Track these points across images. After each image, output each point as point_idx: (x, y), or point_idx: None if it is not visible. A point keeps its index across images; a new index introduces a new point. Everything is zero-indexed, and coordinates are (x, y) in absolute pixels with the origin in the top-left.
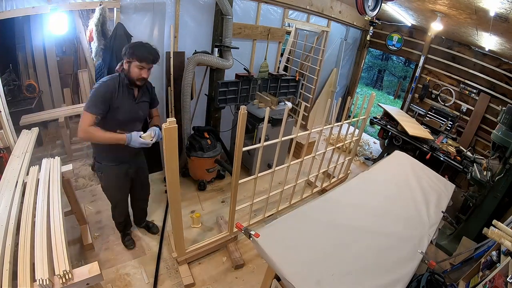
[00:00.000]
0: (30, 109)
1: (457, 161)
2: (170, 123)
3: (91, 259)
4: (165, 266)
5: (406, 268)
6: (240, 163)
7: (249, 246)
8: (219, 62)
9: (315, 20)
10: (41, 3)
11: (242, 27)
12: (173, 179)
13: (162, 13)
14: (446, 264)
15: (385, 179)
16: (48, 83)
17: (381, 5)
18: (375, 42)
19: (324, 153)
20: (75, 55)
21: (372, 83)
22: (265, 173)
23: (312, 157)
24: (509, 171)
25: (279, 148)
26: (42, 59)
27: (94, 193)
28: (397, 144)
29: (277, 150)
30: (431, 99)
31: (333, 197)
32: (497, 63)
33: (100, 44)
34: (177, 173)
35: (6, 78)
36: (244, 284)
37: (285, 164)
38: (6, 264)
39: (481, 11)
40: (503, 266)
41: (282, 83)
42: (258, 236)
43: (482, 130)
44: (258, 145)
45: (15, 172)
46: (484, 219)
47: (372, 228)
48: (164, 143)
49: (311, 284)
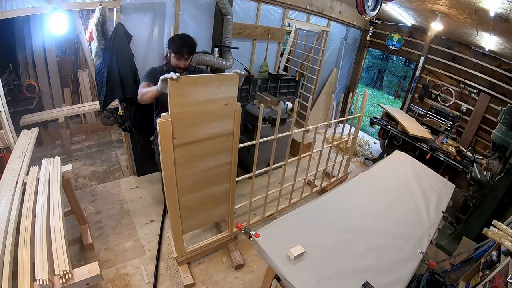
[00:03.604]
0: (30, 109)
1: (457, 161)
2: (164, 117)
3: (91, 259)
4: (165, 266)
5: (406, 268)
6: (236, 161)
7: (249, 246)
8: (219, 62)
9: (315, 20)
10: (41, 3)
11: (242, 27)
12: (170, 175)
13: (162, 13)
14: (446, 264)
15: (385, 179)
16: (48, 83)
17: (381, 5)
18: (375, 42)
19: (321, 151)
20: (75, 55)
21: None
22: (263, 170)
23: (310, 154)
24: (509, 171)
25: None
26: (42, 59)
27: (94, 193)
28: (397, 144)
29: (273, 146)
30: (431, 99)
31: (333, 197)
32: (497, 63)
33: (100, 44)
34: (173, 170)
35: (6, 78)
36: (244, 284)
37: (283, 162)
38: (6, 264)
39: (481, 11)
40: (503, 266)
41: (282, 83)
42: (258, 236)
43: (482, 130)
44: (254, 141)
45: (15, 172)
46: (484, 219)
47: (372, 228)
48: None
49: (311, 284)
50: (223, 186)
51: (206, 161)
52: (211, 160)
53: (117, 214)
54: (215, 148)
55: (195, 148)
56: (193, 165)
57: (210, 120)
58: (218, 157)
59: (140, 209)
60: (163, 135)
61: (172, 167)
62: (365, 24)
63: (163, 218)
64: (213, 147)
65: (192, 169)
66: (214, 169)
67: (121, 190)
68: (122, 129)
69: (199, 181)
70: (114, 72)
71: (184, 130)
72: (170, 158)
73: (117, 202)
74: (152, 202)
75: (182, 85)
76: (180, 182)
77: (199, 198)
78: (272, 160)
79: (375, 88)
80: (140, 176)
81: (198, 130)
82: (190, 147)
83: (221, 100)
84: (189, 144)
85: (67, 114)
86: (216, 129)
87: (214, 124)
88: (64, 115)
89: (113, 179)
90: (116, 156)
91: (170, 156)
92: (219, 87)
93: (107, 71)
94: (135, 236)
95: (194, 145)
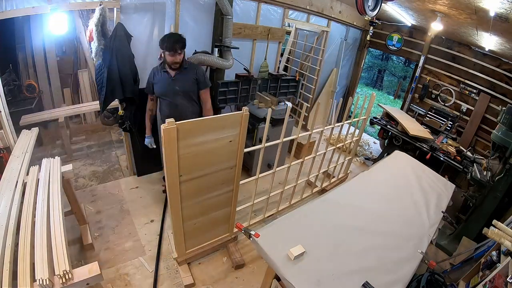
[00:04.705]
0: (30, 109)
1: (457, 161)
2: (169, 124)
3: (91, 259)
4: (165, 266)
5: (406, 268)
6: (241, 164)
7: (250, 246)
8: (219, 62)
9: (315, 20)
10: (41, 3)
11: (242, 27)
12: (173, 180)
13: (162, 13)
14: (446, 264)
15: (385, 179)
16: (48, 83)
17: (381, 5)
18: (375, 42)
19: (324, 154)
20: (75, 55)
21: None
22: (266, 174)
23: (313, 157)
24: (509, 171)
25: (280, 149)
26: (42, 59)
27: (94, 193)
28: (397, 144)
29: (278, 151)
30: (431, 99)
31: (333, 197)
32: (497, 63)
33: (100, 44)
34: (177, 174)
35: (6, 78)
36: (244, 284)
37: (286, 165)
38: (6, 264)
39: (481, 11)
40: (503, 266)
41: (282, 83)
42: (258, 236)
43: (482, 130)
44: (260, 146)
45: (15, 172)
46: (484, 219)
47: (372, 228)
48: (163, 144)
49: (311, 284)
50: (225, 209)
51: (210, 191)
52: (214, 190)
53: (117, 214)
54: (218, 180)
55: (200, 181)
56: (197, 196)
57: (215, 157)
58: (221, 186)
59: (140, 209)
60: (167, 140)
61: (178, 199)
62: (365, 24)
63: (163, 218)
64: (216, 179)
65: (197, 198)
66: (216, 197)
67: (121, 190)
68: (122, 129)
69: (202, 207)
70: (114, 72)
71: (190, 167)
72: (174, 163)
73: (117, 202)
74: (152, 202)
75: (189, 130)
76: (184, 210)
77: (202, 221)
78: (276, 163)
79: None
80: (140, 176)
81: (203, 166)
82: (195, 181)
83: (226, 138)
84: (194, 179)
85: (67, 114)
86: (220, 164)
87: (218, 159)
88: (64, 115)
89: (113, 179)
90: (116, 156)
91: (176, 190)
92: (223, 128)
93: (107, 71)
94: (135, 236)
95: (199, 179)
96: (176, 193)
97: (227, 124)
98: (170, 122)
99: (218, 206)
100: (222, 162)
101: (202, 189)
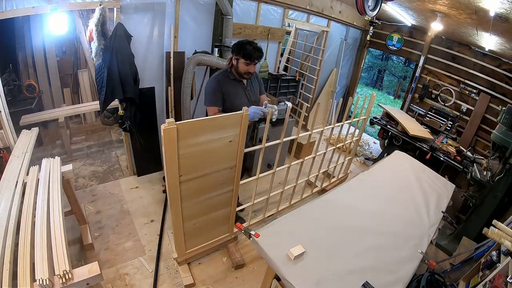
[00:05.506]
0: (30, 109)
1: (457, 161)
2: (169, 123)
3: (91, 259)
4: (165, 266)
5: (406, 268)
6: (241, 165)
7: (250, 246)
8: (219, 62)
9: (315, 20)
10: (41, 3)
11: (242, 27)
12: (173, 180)
13: (162, 13)
14: (446, 264)
15: (385, 179)
16: (48, 83)
17: (381, 5)
18: (375, 42)
19: (324, 154)
20: (75, 55)
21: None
22: (266, 174)
23: (313, 157)
24: (509, 171)
25: (280, 149)
26: (42, 59)
27: (94, 193)
28: (397, 144)
29: (278, 151)
30: (431, 99)
31: (333, 197)
32: (497, 63)
33: (100, 44)
34: (177, 174)
35: (6, 78)
36: (244, 284)
37: (286, 165)
38: (6, 264)
39: (481, 11)
40: (503, 266)
41: (282, 83)
42: (258, 236)
43: (482, 130)
44: (260, 146)
45: (15, 172)
46: (484, 219)
47: (372, 228)
48: (163, 144)
49: (311, 284)
50: (225, 210)
51: (210, 191)
52: (214, 190)
53: (117, 214)
54: (218, 180)
55: (200, 181)
56: (197, 196)
57: (215, 157)
58: (221, 186)
59: (140, 209)
60: (167, 140)
61: (178, 199)
62: (365, 24)
63: (163, 218)
64: (216, 179)
65: (197, 198)
66: (216, 197)
67: (121, 190)
68: (122, 129)
69: (202, 207)
70: (114, 72)
71: (190, 167)
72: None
73: (117, 202)
74: (152, 202)
75: (189, 130)
76: (184, 211)
77: (202, 221)
78: (276, 163)
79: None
80: (140, 176)
81: (203, 166)
82: (195, 181)
83: (226, 138)
84: (194, 179)
85: (67, 114)
86: (220, 164)
87: (218, 159)
88: (64, 115)
89: (113, 179)
90: (116, 156)
91: (176, 190)
92: (223, 128)
93: (107, 71)
94: (135, 236)
95: (199, 179)
96: (176, 193)
97: (227, 124)
98: (170, 122)
99: (218, 206)
100: (222, 162)
101: (202, 189)
